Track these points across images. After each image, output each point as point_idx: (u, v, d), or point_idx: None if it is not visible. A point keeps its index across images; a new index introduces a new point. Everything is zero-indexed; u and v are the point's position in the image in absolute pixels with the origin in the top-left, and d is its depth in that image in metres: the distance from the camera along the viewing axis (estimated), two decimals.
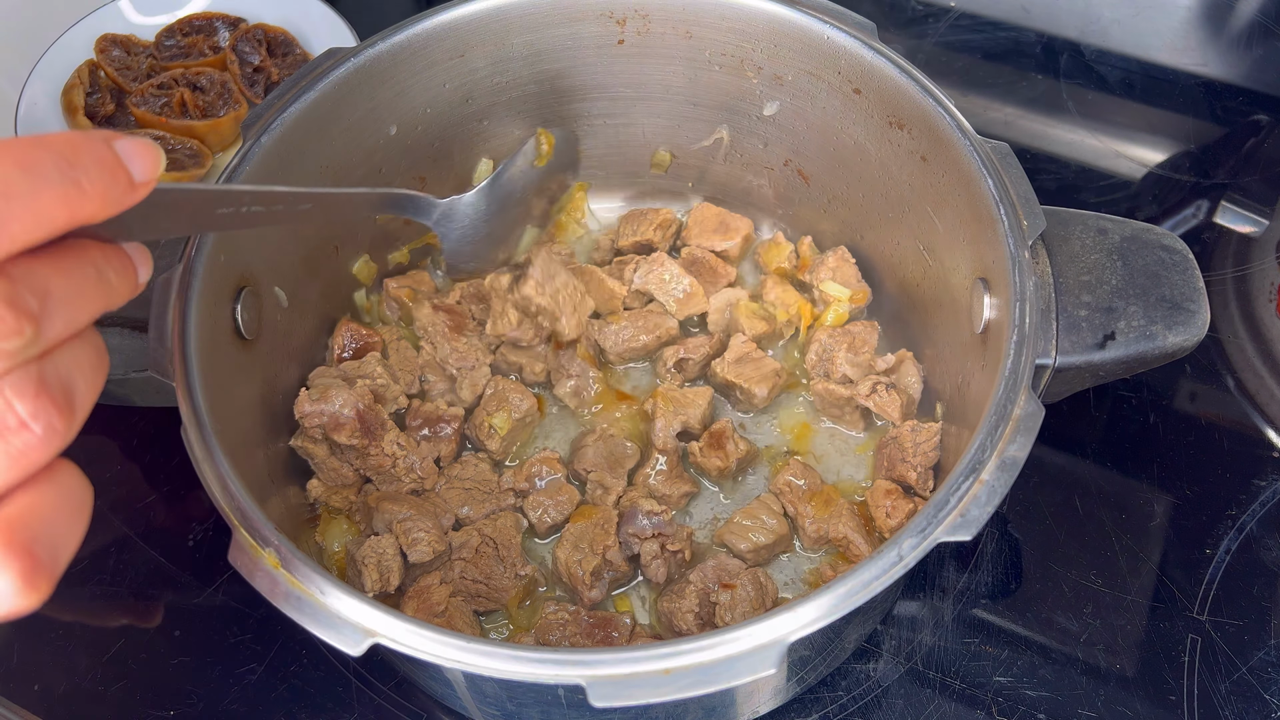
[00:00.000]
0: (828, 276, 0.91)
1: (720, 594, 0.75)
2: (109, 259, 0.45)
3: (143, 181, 0.43)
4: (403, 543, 0.76)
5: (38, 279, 0.40)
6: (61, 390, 0.41)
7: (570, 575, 0.78)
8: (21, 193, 0.38)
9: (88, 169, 0.40)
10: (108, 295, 0.45)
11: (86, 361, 0.44)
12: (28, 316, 0.39)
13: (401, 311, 0.93)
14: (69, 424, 0.41)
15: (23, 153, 0.39)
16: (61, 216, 0.40)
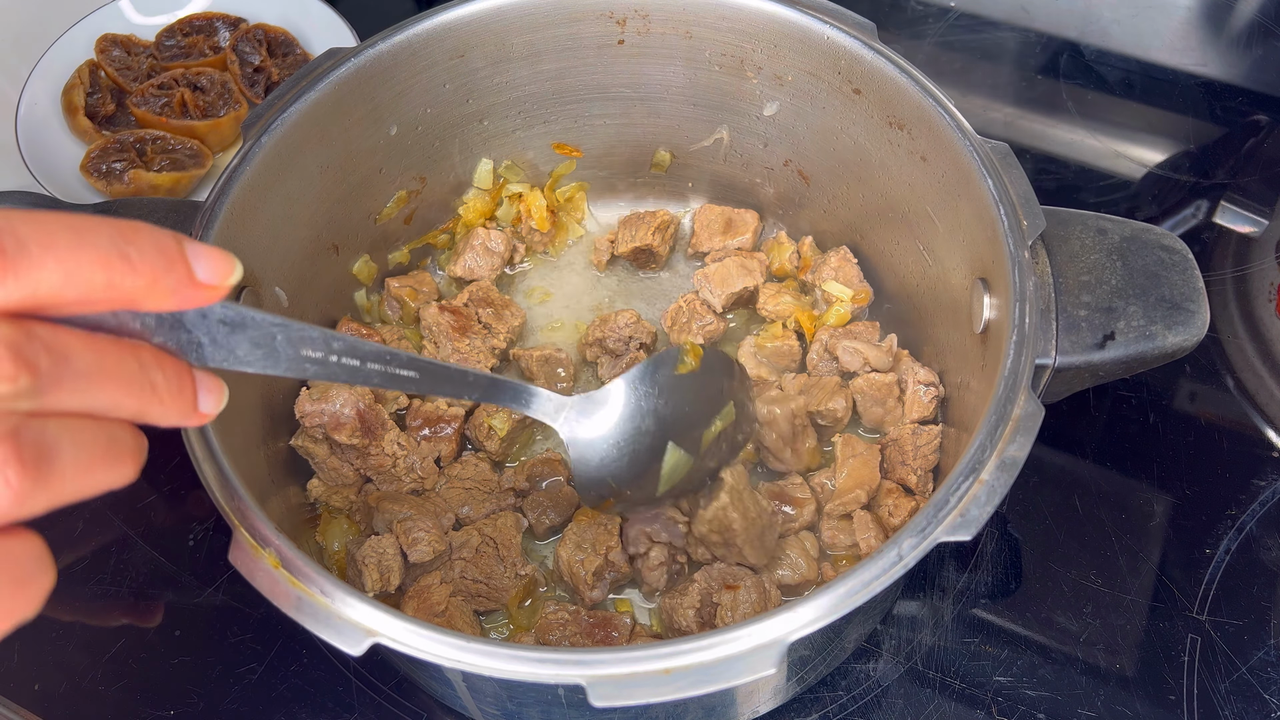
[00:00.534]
0: (830, 276, 0.91)
1: (723, 594, 0.75)
2: (161, 363, 0.42)
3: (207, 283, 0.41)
4: (403, 542, 0.77)
5: (60, 342, 0.38)
6: (34, 450, 0.38)
7: (572, 575, 0.78)
8: (60, 245, 0.37)
9: (141, 246, 0.39)
10: (148, 397, 0.42)
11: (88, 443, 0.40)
12: (27, 368, 0.37)
13: (403, 311, 0.93)
14: (31, 487, 0.37)
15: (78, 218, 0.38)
16: (99, 280, 0.38)
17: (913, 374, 0.84)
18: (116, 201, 0.76)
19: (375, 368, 0.52)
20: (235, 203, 0.73)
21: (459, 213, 0.97)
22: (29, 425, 0.38)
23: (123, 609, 0.85)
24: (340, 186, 0.85)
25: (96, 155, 1.08)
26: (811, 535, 0.81)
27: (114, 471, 0.42)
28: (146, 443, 0.44)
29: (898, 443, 0.82)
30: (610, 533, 0.79)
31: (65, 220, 0.38)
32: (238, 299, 0.74)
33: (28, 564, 0.40)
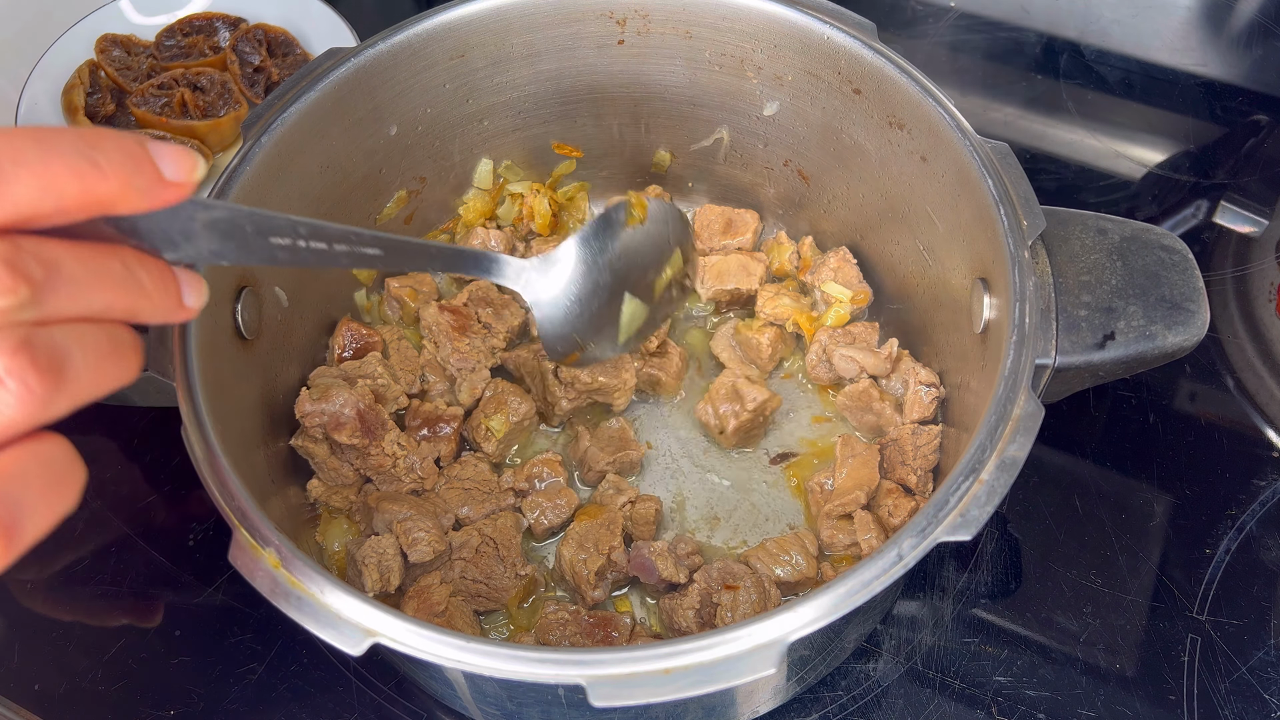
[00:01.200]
0: (829, 277, 0.91)
1: (723, 594, 0.75)
2: (144, 264, 0.43)
3: (175, 181, 0.42)
4: (403, 542, 0.77)
5: (49, 251, 0.39)
6: (48, 356, 0.39)
7: (574, 575, 0.78)
8: (30, 160, 0.37)
9: (108, 151, 0.40)
10: (136, 295, 0.43)
11: (94, 345, 0.42)
12: (25, 278, 0.38)
13: (403, 311, 0.93)
14: (50, 390, 0.39)
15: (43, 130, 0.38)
16: (72, 189, 0.39)
17: (913, 374, 0.84)
18: None
19: (342, 248, 0.54)
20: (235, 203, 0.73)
21: (459, 213, 0.97)
22: (37, 333, 0.39)
23: (123, 609, 0.85)
24: (340, 186, 0.85)
25: None
26: (811, 534, 0.81)
27: (121, 368, 0.44)
28: (143, 341, 0.45)
29: (897, 443, 0.82)
30: (612, 533, 0.79)
31: (30, 134, 0.38)
32: (237, 299, 0.74)
33: (61, 462, 0.42)
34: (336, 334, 0.88)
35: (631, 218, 0.75)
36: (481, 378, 0.88)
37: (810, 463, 0.87)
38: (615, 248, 0.74)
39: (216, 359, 0.69)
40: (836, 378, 0.89)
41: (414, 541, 0.76)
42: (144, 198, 0.41)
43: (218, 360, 0.70)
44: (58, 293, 0.39)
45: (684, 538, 0.81)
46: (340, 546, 0.82)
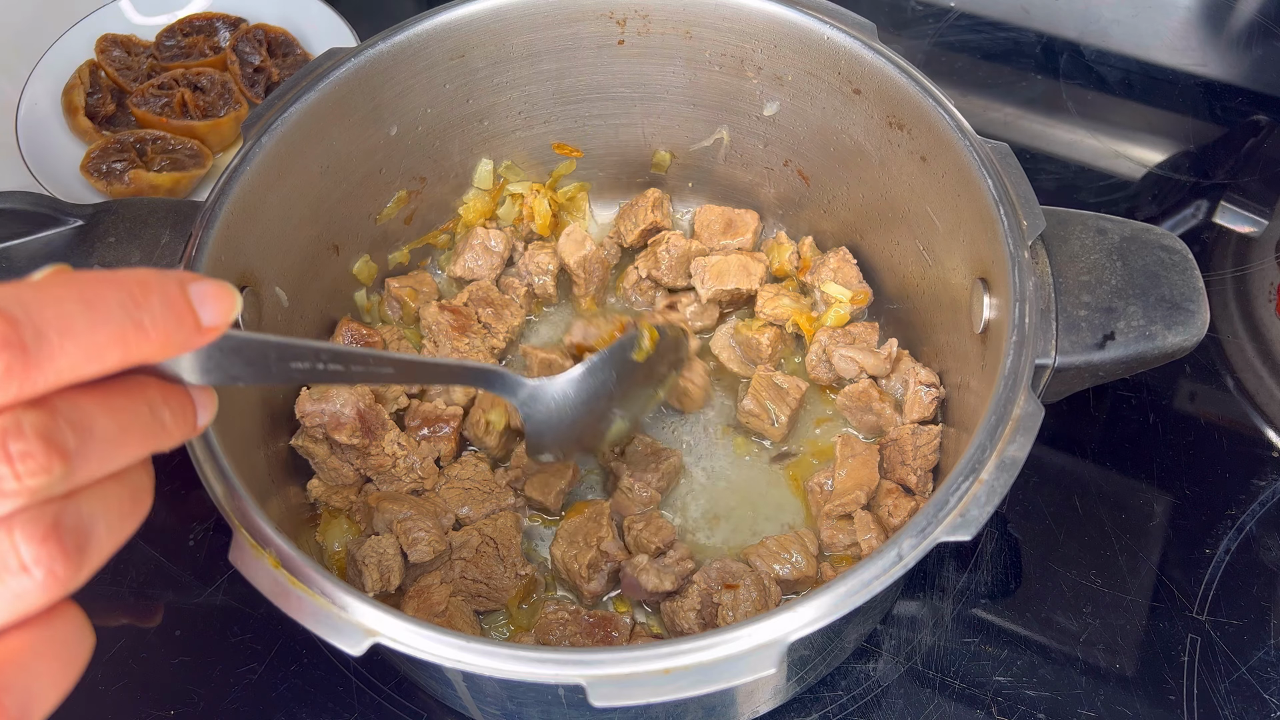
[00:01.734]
0: (829, 277, 0.91)
1: (723, 594, 0.75)
2: (167, 399, 0.43)
3: (211, 326, 0.42)
4: (403, 542, 0.77)
5: (82, 413, 0.39)
6: (75, 537, 0.39)
7: (569, 571, 0.78)
8: (78, 328, 0.37)
9: (153, 309, 0.39)
10: (158, 438, 0.43)
11: (116, 506, 0.42)
12: (60, 454, 0.37)
13: (403, 311, 0.93)
14: (75, 572, 0.39)
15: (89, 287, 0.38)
16: (116, 355, 0.39)
17: (913, 374, 0.84)
18: (117, 201, 0.76)
19: (359, 369, 0.55)
20: (235, 203, 0.73)
21: (459, 213, 0.97)
22: (66, 511, 0.39)
23: (123, 609, 0.85)
24: (340, 186, 0.85)
25: (97, 155, 1.08)
26: (811, 533, 0.81)
27: (137, 519, 0.44)
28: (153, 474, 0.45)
29: (897, 443, 0.82)
30: (599, 524, 0.79)
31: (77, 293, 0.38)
32: None
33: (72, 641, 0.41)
34: (336, 334, 0.88)
35: (641, 350, 0.77)
36: None
37: (810, 463, 0.87)
38: (618, 377, 0.76)
39: None
40: (836, 378, 0.89)
41: (414, 541, 0.76)
42: (182, 347, 0.41)
43: None
44: (89, 459, 0.39)
45: (675, 544, 0.80)
46: (340, 546, 0.82)
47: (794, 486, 0.86)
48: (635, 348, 0.77)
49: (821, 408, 0.90)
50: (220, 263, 0.72)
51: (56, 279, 0.38)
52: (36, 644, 0.40)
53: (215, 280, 0.42)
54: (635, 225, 0.96)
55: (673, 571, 0.78)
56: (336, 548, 0.82)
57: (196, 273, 0.42)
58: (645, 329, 0.77)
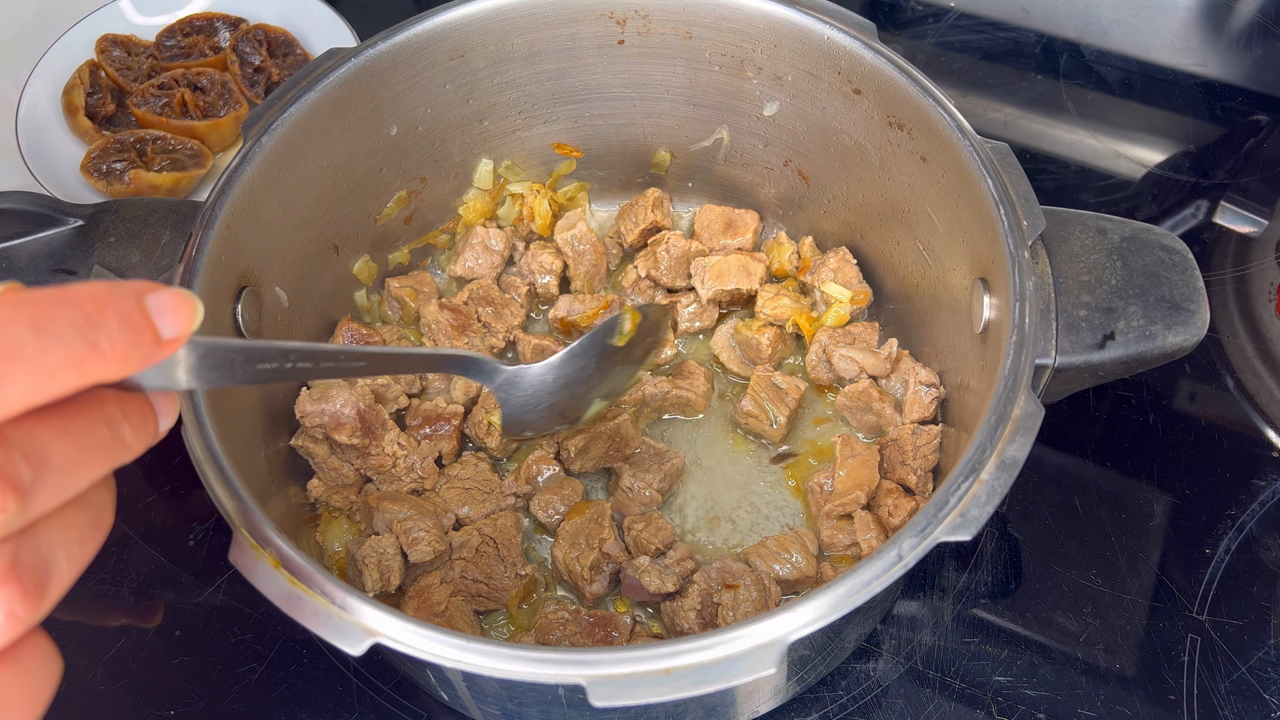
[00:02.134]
0: (829, 277, 0.91)
1: (723, 594, 0.75)
2: (126, 412, 0.41)
3: (171, 339, 0.40)
4: (403, 542, 0.77)
5: (37, 442, 0.37)
6: (35, 575, 0.37)
7: (570, 573, 0.78)
8: (27, 355, 0.35)
9: (109, 328, 0.37)
10: (118, 453, 0.41)
11: (76, 533, 0.40)
12: (14, 490, 0.35)
13: (403, 311, 0.93)
14: (34, 609, 0.38)
15: (39, 309, 0.36)
16: (71, 378, 0.37)
17: (913, 374, 0.84)
18: (117, 201, 0.76)
19: (328, 365, 0.55)
20: (235, 203, 0.73)
21: (459, 213, 0.97)
22: (22, 548, 0.37)
23: (123, 609, 0.85)
24: (340, 186, 0.85)
25: (97, 155, 1.08)
26: (811, 533, 0.81)
27: (100, 539, 0.42)
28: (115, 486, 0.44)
29: (897, 443, 0.82)
30: (601, 525, 0.79)
31: (25, 315, 0.36)
32: (237, 300, 0.74)
33: (38, 672, 0.40)
34: (336, 334, 0.88)
35: (622, 335, 0.76)
36: None
37: (809, 463, 0.87)
38: (597, 362, 0.75)
39: None
40: (836, 378, 0.89)
41: (414, 541, 0.76)
42: (140, 365, 0.39)
43: None
44: (45, 490, 0.37)
45: (674, 544, 0.80)
46: (340, 546, 0.82)
47: (794, 487, 0.86)
48: (616, 333, 0.76)
49: (821, 408, 0.90)
50: (220, 263, 0.72)
51: (4, 299, 0.36)
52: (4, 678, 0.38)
53: (174, 289, 0.40)
54: (635, 225, 0.96)
55: (674, 573, 0.78)
56: (336, 548, 0.82)
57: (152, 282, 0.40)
58: (628, 313, 0.77)
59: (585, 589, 0.78)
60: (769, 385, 0.87)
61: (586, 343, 0.74)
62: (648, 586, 0.76)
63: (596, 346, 0.75)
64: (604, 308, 0.91)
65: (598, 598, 0.78)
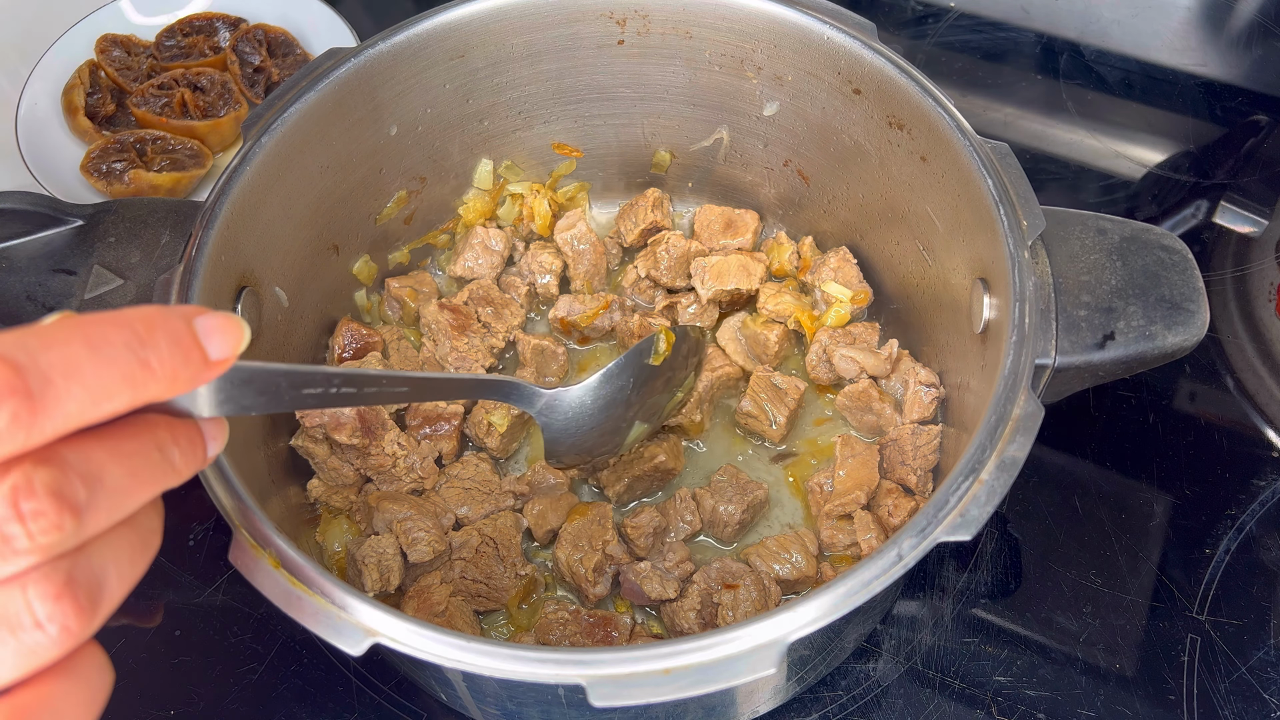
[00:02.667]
0: (830, 277, 0.91)
1: (723, 594, 0.75)
2: (176, 437, 0.43)
3: (219, 360, 0.41)
4: (403, 542, 0.77)
5: (91, 463, 0.38)
6: (88, 590, 0.39)
7: (573, 574, 0.78)
8: (84, 371, 0.37)
9: (159, 348, 0.39)
10: (167, 477, 0.42)
11: (126, 553, 0.42)
12: (71, 510, 0.37)
13: (403, 311, 0.93)
14: (88, 625, 0.39)
15: (94, 329, 0.37)
16: (124, 396, 0.38)
17: (913, 374, 0.84)
18: (117, 202, 0.76)
19: (371, 390, 0.55)
20: (235, 203, 0.73)
21: (459, 213, 0.97)
22: (78, 565, 0.39)
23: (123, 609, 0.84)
24: (340, 186, 0.85)
25: (97, 155, 1.08)
26: (811, 533, 0.81)
27: (148, 559, 0.44)
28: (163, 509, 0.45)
29: (897, 443, 0.82)
30: (604, 528, 0.79)
31: (81, 335, 0.37)
32: (237, 300, 0.74)
33: (94, 680, 0.42)
34: (336, 334, 0.88)
35: (657, 355, 0.77)
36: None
37: (809, 463, 0.87)
38: (634, 383, 0.76)
39: None
40: (836, 378, 0.89)
41: (414, 541, 0.76)
42: (189, 384, 0.41)
43: None
44: (99, 511, 0.39)
45: (672, 545, 0.80)
46: (340, 546, 0.82)
47: (794, 486, 0.86)
48: (652, 352, 0.77)
49: (821, 408, 0.90)
50: (220, 263, 0.72)
51: (60, 323, 0.38)
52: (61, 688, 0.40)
53: (222, 313, 0.42)
54: (635, 225, 0.96)
55: (674, 577, 0.78)
56: (336, 548, 0.82)
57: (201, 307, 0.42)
58: (662, 332, 0.78)
59: (588, 590, 0.77)
60: (768, 385, 0.87)
61: (623, 363, 0.75)
62: (649, 593, 0.77)
63: (633, 366, 0.75)
64: (604, 308, 0.91)
65: (600, 599, 0.78)
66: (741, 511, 0.81)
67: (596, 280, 0.96)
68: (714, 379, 0.88)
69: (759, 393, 0.86)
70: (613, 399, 0.75)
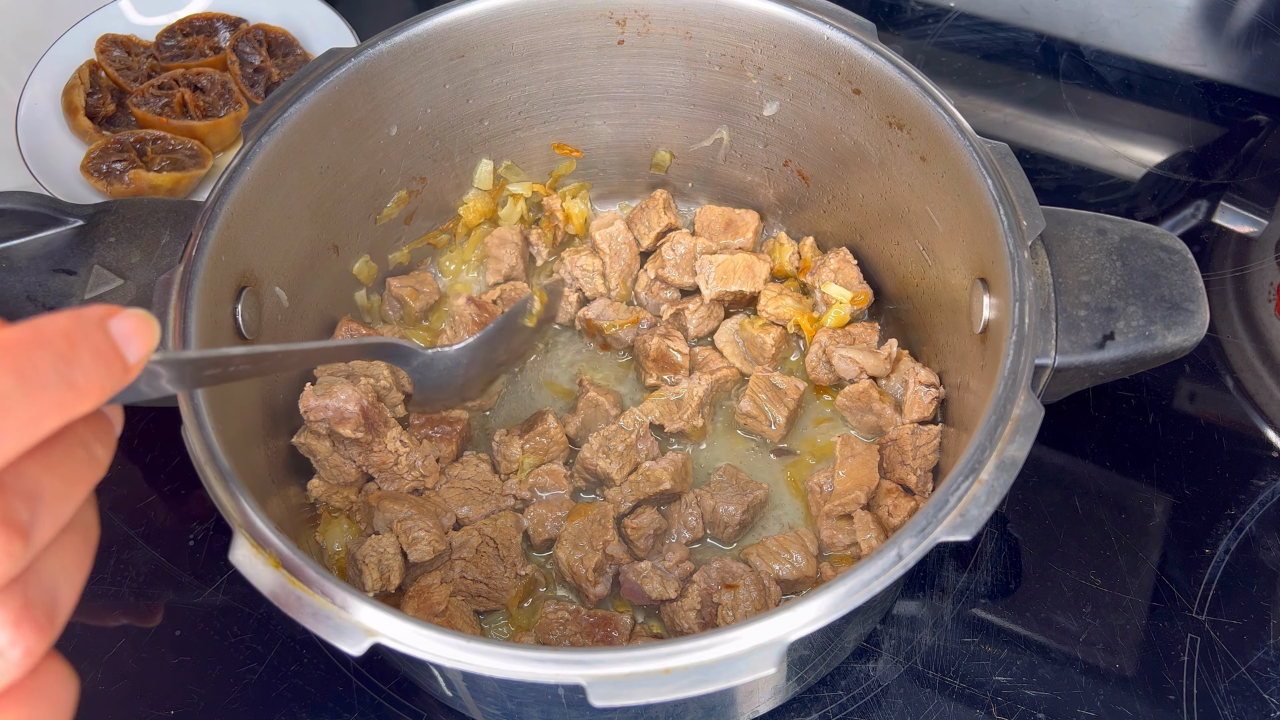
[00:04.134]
0: (830, 278, 0.91)
1: (723, 594, 0.75)
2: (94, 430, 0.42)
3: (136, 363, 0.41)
4: (403, 542, 0.77)
5: (29, 481, 0.38)
6: (45, 608, 0.39)
7: (574, 574, 0.78)
8: (16, 405, 0.36)
9: (84, 365, 0.38)
10: (95, 472, 0.42)
11: (72, 556, 0.41)
12: (19, 533, 0.37)
13: (404, 310, 0.93)
14: (48, 640, 0.39)
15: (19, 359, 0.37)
16: (55, 420, 0.38)
17: (913, 374, 0.84)
18: (117, 202, 0.76)
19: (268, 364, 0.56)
20: (235, 203, 0.73)
21: (459, 213, 0.97)
22: (30, 586, 0.39)
23: (123, 609, 0.85)
24: (340, 186, 0.85)
25: (97, 155, 1.08)
26: (811, 533, 0.81)
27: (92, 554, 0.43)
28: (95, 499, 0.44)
29: (897, 443, 0.82)
30: (605, 527, 0.79)
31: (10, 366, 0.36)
32: (237, 300, 0.74)
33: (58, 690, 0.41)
34: (337, 333, 0.88)
35: (531, 316, 0.82)
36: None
37: (808, 463, 0.87)
38: (507, 341, 0.81)
39: None
40: (836, 378, 0.89)
41: (414, 541, 0.76)
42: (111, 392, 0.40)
43: None
44: (44, 526, 0.38)
45: (672, 545, 0.80)
46: (340, 547, 0.82)
47: (793, 486, 0.86)
48: (527, 313, 0.82)
49: (820, 408, 0.90)
50: (220, 263, 0.72)
51: None
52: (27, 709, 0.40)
53: (133, 312, 0.41)
54: (650, 229, 0.96)
55: (674, 577, 0.78)
56: (337, 548, 0.82)
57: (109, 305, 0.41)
58: (536, 294, 0.82)
59: (589, 590, 0.78)
60: (768, 385, 0.87)
61: (500, 323, 0.79)
62: (650, 593, 0.77)
63: (510, 328, 0.80)
64: (633, 322, 0.92)
65: (600, 599, 0.78)
66: (742, 512, 0.81)
67: (629, 279, 0.96)
68: (713, 381, 0.88)
69: (758, 393, 0.86)
70: (488, 358, 0.79)
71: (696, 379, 0.88)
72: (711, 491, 0.82)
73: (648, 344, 0.90)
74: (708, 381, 0.87)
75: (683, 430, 0.86)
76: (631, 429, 0.84)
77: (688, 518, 0.82)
